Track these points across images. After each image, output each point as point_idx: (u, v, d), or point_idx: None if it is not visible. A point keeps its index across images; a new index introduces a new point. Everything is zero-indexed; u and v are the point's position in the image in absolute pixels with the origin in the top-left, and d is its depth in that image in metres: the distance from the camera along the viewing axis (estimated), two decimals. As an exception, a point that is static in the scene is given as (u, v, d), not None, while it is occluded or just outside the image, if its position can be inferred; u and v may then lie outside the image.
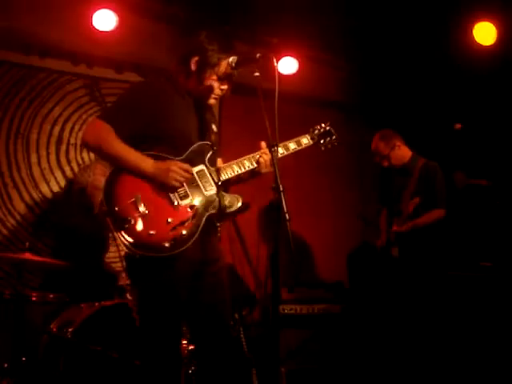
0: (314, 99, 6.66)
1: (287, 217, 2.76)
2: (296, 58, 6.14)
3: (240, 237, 4.97)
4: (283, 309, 5.36)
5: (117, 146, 3.03)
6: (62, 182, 5.57)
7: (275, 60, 2.99)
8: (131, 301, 4.19)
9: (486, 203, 5.58)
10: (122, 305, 4.21)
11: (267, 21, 5.72)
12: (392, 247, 5.11)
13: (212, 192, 3.14)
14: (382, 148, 5.20)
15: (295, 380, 5.09)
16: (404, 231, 5.00)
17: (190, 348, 4.07)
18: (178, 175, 3.03)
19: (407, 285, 4.95)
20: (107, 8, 5.28)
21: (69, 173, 5.60)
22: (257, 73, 3.00)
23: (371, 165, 5.58)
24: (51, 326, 4.19)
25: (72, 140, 5.63)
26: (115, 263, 5.12)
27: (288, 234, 2.74)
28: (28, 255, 4.27)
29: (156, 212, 2.98)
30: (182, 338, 4.02)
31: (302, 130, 3.64)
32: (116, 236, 2.90)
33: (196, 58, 3.19)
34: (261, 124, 2.91)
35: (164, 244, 2.93)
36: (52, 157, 5.57)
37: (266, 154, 3.27)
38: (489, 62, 5.55)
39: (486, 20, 5.46)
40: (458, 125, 5.42)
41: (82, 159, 5.65)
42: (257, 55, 3.03)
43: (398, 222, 5.07)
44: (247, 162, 3.29)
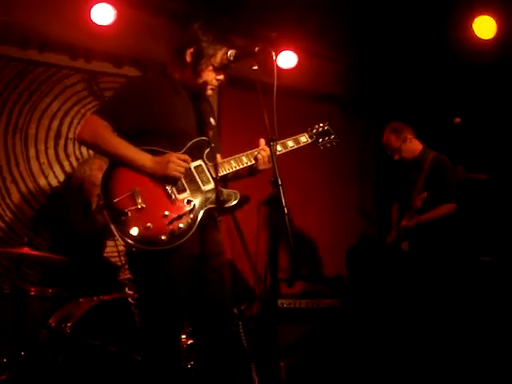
0: (313, 93, 6.65)
1: (286, 211, 2.75)
2: (295, 52, 6.13)
3: (239, 231, 4.97)
4: (282, 303, 5.36)
5: (114, 142, 3.02)
6: (61, 177, 5.57)
7: (274, 54, 2.97)
8: (130, 295, 4.19)
9: (486, 197, 5.58)
10: (121, 299, 4.21)
11: (266, 15, 5.70)
12: (402, 242, 5.09)
13: (209, 187, 3.12)
14: (394, 141, 5.14)
15: (294, 374, 5.10)
16: (412, 226, 4.96)
17: (189, 342, 4.08)
18: (178, 165, 3.01)
19: (414, 279, 4.90)
20: (105, 2, 5.25)
21: (67, 167, 5.60)
22: (255, 66, 2.99)
23: (370, 159, 5.57)
24: (50, 321, 4.19)
25: (70, 134, 5.63)
26: (114, 258, 5.11)
27: (287, 228, 2.73)
28: (27, 250, 4.27)
29: (153, 205, 2.97)
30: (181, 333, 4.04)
31: (301, 125, 3.63)
32: (113, 229, 2.89)
33: (191, 50, 3.16)
34: (259, 118, 2.90)
35: (161, 237, 2.92)
36: (50, 151, 5.56)
37: (265, 151, 3.26)
38: (488, 56, 5.53)
39: (486, 14, 5.44)
40: (458, 119, 5.42)
41: (81, 153, 5.64)
42: (255, 49, 3.01)
43: (408, 217, 5.05)
44: (245, 159, 3.27)
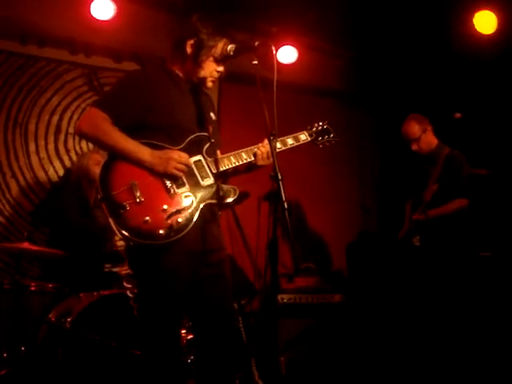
0: (313, 88, 6.64)
1: (286, 206, 2.75)
2: (295, 47, 6.11)
3: (239, 226, 4.96)
4: (282, 298, 5.36)
5: (114, 135, 3.01)
6: (61, 172, 5.57)
7: (274, 48, 2.96)
8: (129, 289, 4.20)
9: (486, 192, 5.56)
10: (121, 294, 4.21)
11: (267, 10, 5.69)
12: (413, 237, 5.07)
13: (209, 182, 3.12)
14: (416, 129, 5.06)
15: (295, 369, 5.11)
16: (423, 220, 4.93)
17: (189, 337, 4.09)
18: (179, 164, 3.01)
19: (419, 274, 4.88)
20: (105, -4, 5.25)
21: (67, 162, 5.60)
22: (255, 61, 2.98)
23: (370, 153, 5.56)
24: (50, 316, 4.19)
25: (70, 129, 5.63)
26: (113, 252, 5.10)
27: (287, 223, 2.73)
28: (27, 245, 4.27)
29: (152, 199, 2.96)
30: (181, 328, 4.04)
31: (301, 119, 3.64)
32: (111, 222, 2.88)
33: (191, 41, 3.15)
34: (259, 113, 2.89)
35: (159, 231, 2.90)
36: (50, 146, 5.56)
37: (264, 147, 3.25)
38: (489, 51, 5.52)
39: (487, 8, 5.43)
40: (458, 114, 5.40)
41: (81, 148, 5.64)
42: (255, 43, 3.00)
43: (419, 211, 5.01)
44: (245, 155, 3.26)
